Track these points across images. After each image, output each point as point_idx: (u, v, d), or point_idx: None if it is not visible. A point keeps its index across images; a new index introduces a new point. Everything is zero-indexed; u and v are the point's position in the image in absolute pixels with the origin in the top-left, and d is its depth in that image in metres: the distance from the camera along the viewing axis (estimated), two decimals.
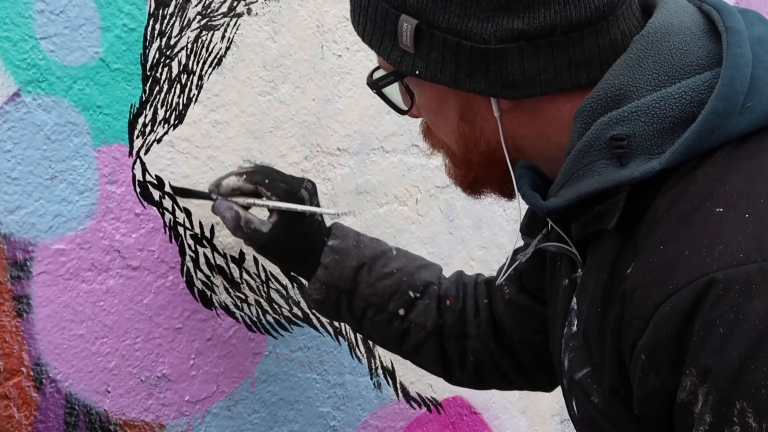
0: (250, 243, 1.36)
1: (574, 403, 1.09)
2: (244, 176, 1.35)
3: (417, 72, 1.03)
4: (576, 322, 1.07)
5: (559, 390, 1.94)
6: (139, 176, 1.38)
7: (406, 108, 1.12)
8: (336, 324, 1.63)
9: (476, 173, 1.10)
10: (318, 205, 1.38)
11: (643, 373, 0.93)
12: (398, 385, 1.72)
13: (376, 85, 1.09)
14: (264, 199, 1.34)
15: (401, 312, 1.40)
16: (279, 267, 1.45)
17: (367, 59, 1.61)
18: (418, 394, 1.75)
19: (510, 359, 1.42)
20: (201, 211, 1.45)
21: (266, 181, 1.35)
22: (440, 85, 1.03)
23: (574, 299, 1.08)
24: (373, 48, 1.06)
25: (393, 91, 1.11)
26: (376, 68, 1.10)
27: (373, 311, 1.39)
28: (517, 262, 1.17)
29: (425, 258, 1.46)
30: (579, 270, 1.08)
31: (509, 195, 1.10)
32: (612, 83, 0.98)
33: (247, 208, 1.36)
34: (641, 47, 0.99)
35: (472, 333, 1.41)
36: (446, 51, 1.00)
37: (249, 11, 1.46)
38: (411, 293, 1.40)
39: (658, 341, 0.91)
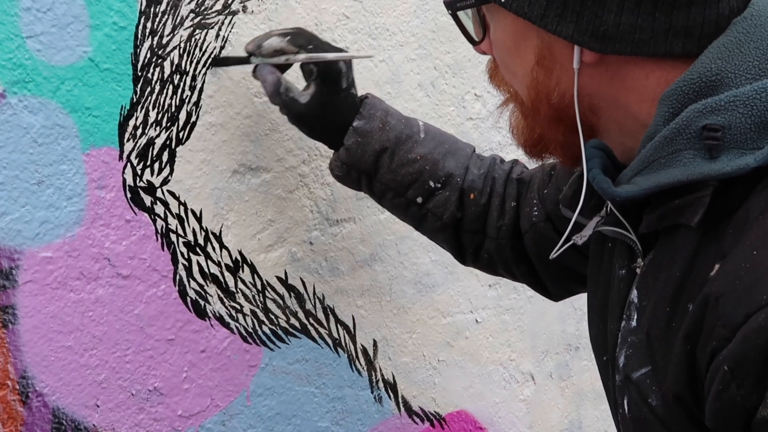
0: (286, 111, 1.40)
1: (625, 402, 1.05)
2: (288, 37, 1.37)
3: (502, 0, 0.99)
4: (636, 317, 1.03)
5: (566, 404, 1.94)
6: (129, 181, 1.37)
7: (477, 39, 1.08)
8: (335, 335, 1.62)
9: (542, 130, 1.07)
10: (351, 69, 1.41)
11: (723, 385, 0.89)
12: (400, 399, 1.71)
13: (453, 6, 1.06)
14: (303, 54, 1.38)
15: (419, 200, 1.43)
16: (309, 136, 1.48)
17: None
18: (421, 409, 1.75)
19: (524, 265, 1.45)
20: (194, 217, 1.43)
21: (310, 46, 1.37)
22: (523, 21, 1.00)
23: (635, 292, 1.04)
24: None
25: (469, 17, 1.08)
26: None
27: (391, 194, 1.43)
28: (570, 243, 1.13)
29: (458, 141, 1.46)
30: (639, 260, 1.04)
31: (573, 161, 1.06)
32: (708, 67, 0.95)
33: (284, 69, 1.39)
34: (743, 30, 0.95)
35: (490, 234, 1.44)
36: None
37: (244, 9, 1.45)
38: (431, 183, 1.42)
39: (746, 353, 0.87)
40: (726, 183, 0.94)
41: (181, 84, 1.40)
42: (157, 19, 1.36)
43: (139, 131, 1.37)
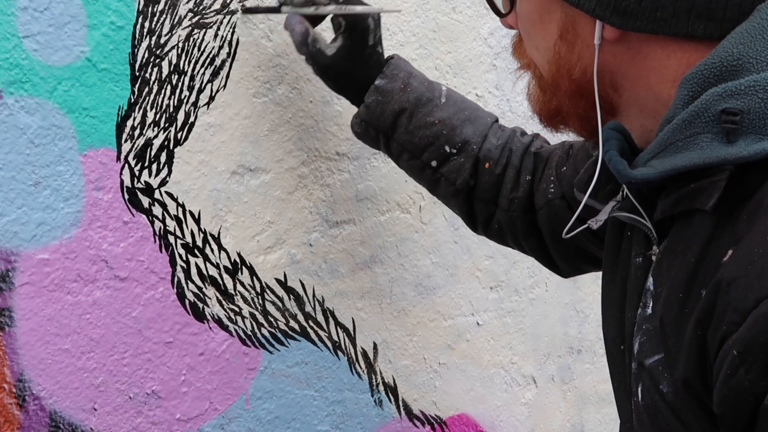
0: (312, 63, 1.41)
1: (639, 390, 1.04)
2: None
3: None
4: (651, 305, 1.03)
5: (568, 407, 1.93)
6: (127, 182, 1.36)
7: (504, 11, 1.11)
8: (335, 338, 1.61)
9: (560, 103, 1.08)
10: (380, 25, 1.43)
11: (731, 370, 0.89)
12: (400, 403, 1.70)
13: None
14: (333, 5, 1.38)
15: (434, 164, 1.45)
16: (332, 89, 1.50)
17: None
18: (422, 412, 1.74)
19: (534, 240, 1.46)
20: (192, 219, 1.43)
21: None
22: None
23: (650, 279, 1.04)
24: None
25: None
26: None
27: (407, 155, 1.45)
28: (585, 227, 1.14)
29: (479, 109, 1.48)
30: (654, 247, 1.04)
31: (591, 134, 1.07)
32: (730, 52, 0.95)
33: (315, 21, 1.40)
34: (766, 17, 0.95)
35: (502, 206, 1.45)
36: None
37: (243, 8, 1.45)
38: (447, 148, 1.44)
39: (755, 338, 0.87)
40: (743, 168, 0.94)
41: (180, 84, 1.39)
42: (155, 19, 1.36)
43: (137, 132, 1.36)
